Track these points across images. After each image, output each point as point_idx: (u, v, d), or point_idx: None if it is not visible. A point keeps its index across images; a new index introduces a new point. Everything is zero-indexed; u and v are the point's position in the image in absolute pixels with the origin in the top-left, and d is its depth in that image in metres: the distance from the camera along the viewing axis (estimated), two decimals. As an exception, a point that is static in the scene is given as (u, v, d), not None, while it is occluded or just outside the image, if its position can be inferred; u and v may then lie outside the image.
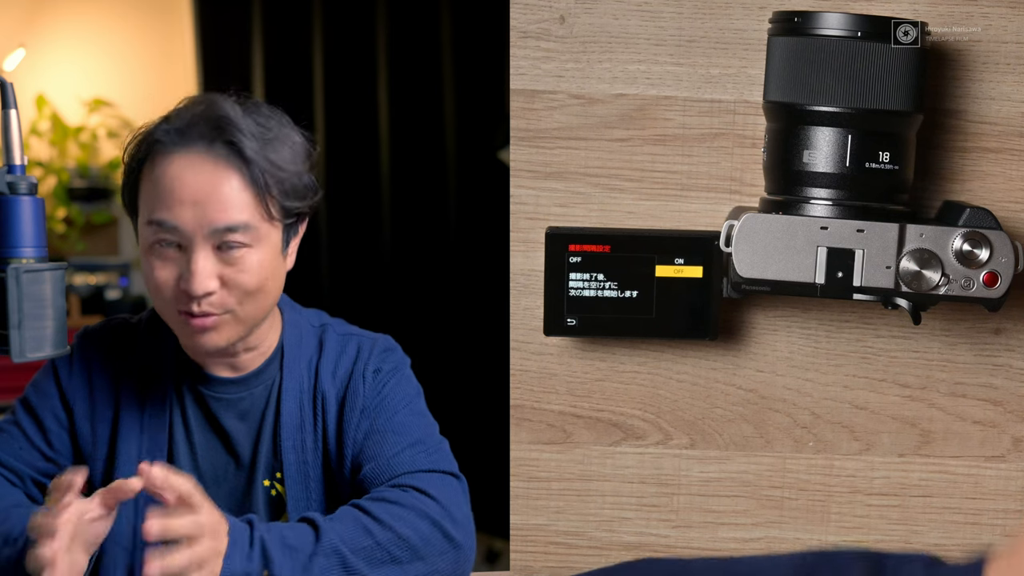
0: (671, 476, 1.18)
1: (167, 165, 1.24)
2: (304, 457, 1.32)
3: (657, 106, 1.14)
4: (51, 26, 4.03)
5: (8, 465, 1.30)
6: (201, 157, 1.23)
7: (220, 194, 1.22)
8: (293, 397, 1.33)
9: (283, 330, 1.36)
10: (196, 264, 1.21)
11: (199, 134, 1.23)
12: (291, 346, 1.35)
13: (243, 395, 1.33)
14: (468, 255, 3.62)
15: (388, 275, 3.69)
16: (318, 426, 1.33)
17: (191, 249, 1.22)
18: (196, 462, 1.31)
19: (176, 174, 1.23)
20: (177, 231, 1.22)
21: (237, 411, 1.32)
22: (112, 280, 3.98)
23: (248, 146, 1.22)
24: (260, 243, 1.24)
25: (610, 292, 1.11)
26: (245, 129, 1.23)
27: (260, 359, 1.34)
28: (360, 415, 1.32)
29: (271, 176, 1.24)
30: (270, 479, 1.32)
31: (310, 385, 1.35)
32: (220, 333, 1.25)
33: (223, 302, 1.23)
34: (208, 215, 1.22)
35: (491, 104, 3.53)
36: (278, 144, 1.25)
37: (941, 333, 1.17)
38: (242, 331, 1.27)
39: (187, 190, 1.22)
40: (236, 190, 1.23)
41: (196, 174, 1.23)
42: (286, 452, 1.31)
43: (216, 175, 1.23)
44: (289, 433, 1.32)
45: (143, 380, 1.32)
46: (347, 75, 3.67)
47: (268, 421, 1.33)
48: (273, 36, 3.68)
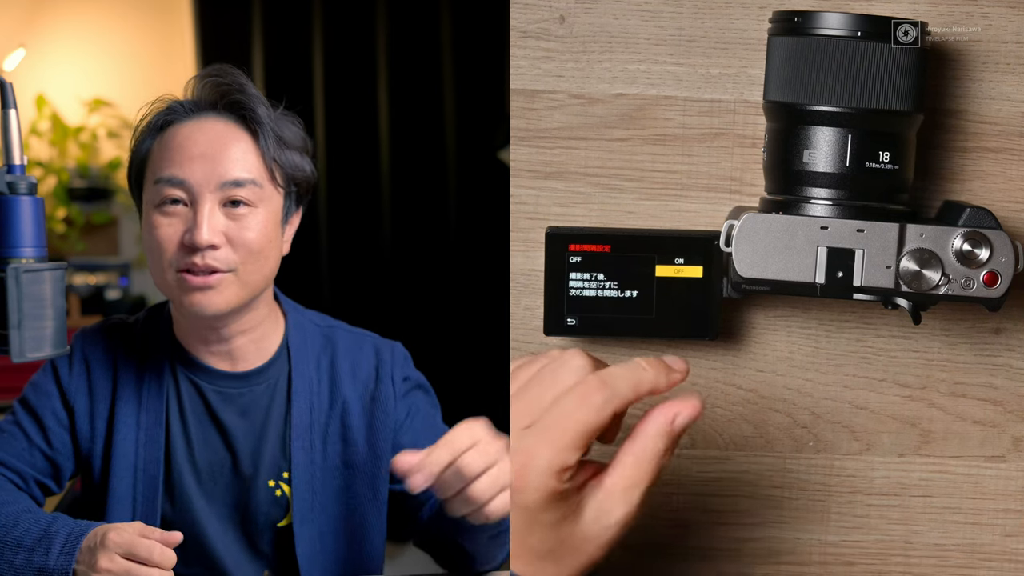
0: (671, 476, 1.18)
1: (177, 130, 1.29)
2: (312, 458, 1.32)
3: (657, 106, 1.14)
4: (51, 26, 4.03)
5: (11, 467, 1.30)
6: (212, 120, 1.29)
7: (229, 151, 1.26)
8: (304, 398, 1.33)
9: (288, 331, 1.36)
10: (202, 216, 1.23)
11: (210, 102, 1.29)
12: (298, 347, 1.35)
13: (243, 391, 1.33)
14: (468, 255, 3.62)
15: (388, 275, 3.69)
16: (332, 428, 1.34)
17: (198, 203, 1.24)
18: (192, 456, 1.31)
19: (187, 134, 1.28)
20: (185, 185, 1.24)
21: (238, 407, 1.32)
22: (112, 280, 3.98)
23: (259, 112, 1.28)
24: (264, 204, 1.27)
25: (610, 292, 1.11)
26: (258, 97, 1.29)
27: (260, 356, 1.34)
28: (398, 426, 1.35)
29: (277, 145, 1.29)
30: (275, 480, 1.32)
31: (321, 387, 1.35)
32: (220, 293, 1.25)
33: (227, 258, 1.24)
34: (217, 169, 1.25)
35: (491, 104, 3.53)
36: (284, 121, 1.31)
37: (941, 333, 1.17)
38: (242, 296, 1.27)
39: (197, 147, 1.26)
40: (244, 151, 1.28)
41: (206, 133, 1.27)
42: (296, 453, 1.31)
43: (226, 134, 1.28)
44: (299, 434, 1.32)
45: (139, 372, 1.32)
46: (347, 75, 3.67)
47: (274, 421, 1.33)
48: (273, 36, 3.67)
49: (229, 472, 1.32)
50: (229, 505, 1.31)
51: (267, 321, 1.34)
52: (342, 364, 1.36)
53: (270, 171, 1.27)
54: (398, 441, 1.33)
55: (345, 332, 1.40)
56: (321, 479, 1.32)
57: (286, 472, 1.32)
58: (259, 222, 1.26)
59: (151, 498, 1.28)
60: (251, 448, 1.32)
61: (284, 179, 1.29)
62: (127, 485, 1.28)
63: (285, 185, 1.29)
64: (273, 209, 1.28)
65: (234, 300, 1.26)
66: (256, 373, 1.33)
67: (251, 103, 1.28)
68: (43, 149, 4.01)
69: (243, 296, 1.27)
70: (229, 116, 1.28)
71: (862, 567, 1.20)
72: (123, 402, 1.30)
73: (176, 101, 1.31)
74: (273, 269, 1.31)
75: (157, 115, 1.30)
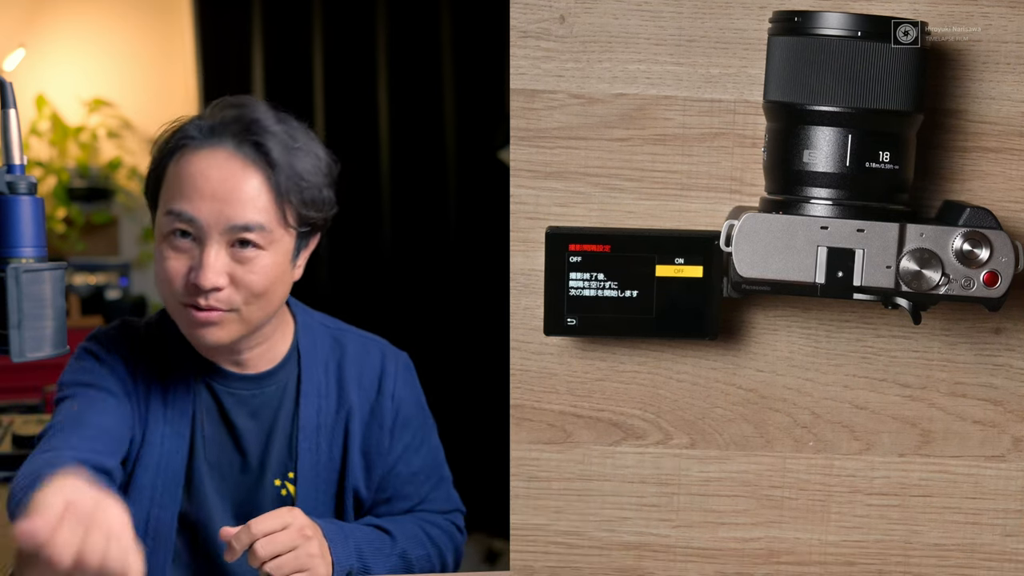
0: (671, 476, 1.18)
1: (193, 158, 1.25)
2: (318, 458, 1.33)
3: (657, 106, 1.14)
4: (51, 26, 4.03)
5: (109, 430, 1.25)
6: (228, 154, 1.25)
7: (241, 192, 1.24)
8: (312, 400, 1.34)
9: (297, 333, 1.36)
10: (208, 258, 1.22)
11: (230, 132, 1.25)
12: (307, 349, 1.35)
13: (255, 392, 1.33)
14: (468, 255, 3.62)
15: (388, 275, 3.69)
16: (337, 431, 1.34)
17: (205, 243, 1.23)
18: (207, 454, 1.32)
19: (201, 168, 1.25)
20: (194, 223, 1.23)
21: (249, 409, 1.33)
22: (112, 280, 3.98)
23: (275, 150, 1.24)
24: (273, 247, 1.25)
25: (610, 292, 1.11)
26: (275, 133, 1.25)
27: (271, 360, 1.34)
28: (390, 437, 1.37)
29: (292, 183, 1.25)
30: (281, 479, 1.33)
31: (329, 389, 1.35)
32: (223, 329, 1.25)
33: (230, 300, 1.24)
34: (226, 212, 1.23)
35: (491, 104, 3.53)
36: (303, 154, 1.27)
37: (941, 333, 1.17)
38: (244, 331, 1.27)
39: (209, 185, 1.24)
40: (257, 191, 1.24)
41: (220, 170, 1.24)
42: (303, 454, 1.32)
43: (239, 173, 1.24)
44: (307, 435, 1.32)
45: (163, 370, 1.32)
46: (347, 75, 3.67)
47: (282, 421, 1.33)
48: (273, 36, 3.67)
49: (238, 472, 1.32)
50: (238, 503, 1.32)
51: (277, 332, 1.34)
52: (350, 369, 1.36)
53: (282, 213, 1.24)
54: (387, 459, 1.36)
55: (355, 336, 1.40)
56: (326, 480, 1.33)
57: (291, 472, 1.32)
58: (265, 265, 1.24)
59: (172, 492, 1.28)
60: (259, 449, 1.32)
61: (296, 220, 1.26)
62: (150, 476, 1.28)
63: (297, 225, 1.27)
64: (283, 250, 1.26)
65: (235, 335, 1.26)
66: (267, 375, 1.34)
67: (267, 142, 1.24)
68: (43, 149, 4.01)
69: (245, 331, 1.27)
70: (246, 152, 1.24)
71: (862, 567, 1.20)
72: (153, 398, 1.30)
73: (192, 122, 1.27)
74: (279, 305, 1.30)
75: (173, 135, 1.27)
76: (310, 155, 1.27)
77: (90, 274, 3.96)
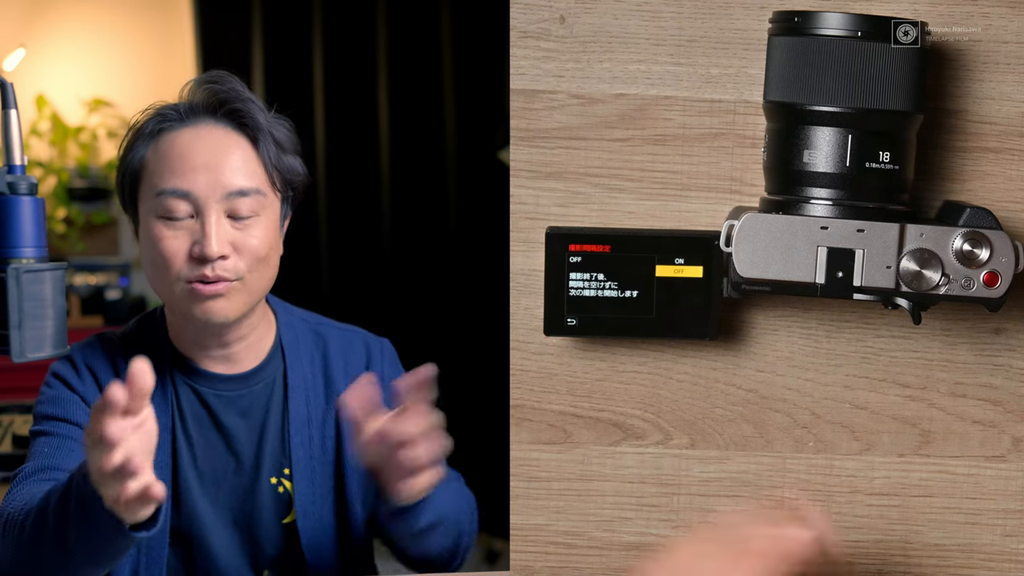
0: (671, 476, 1.18)
1: (176, 138, 1.28)
2: (311, 452, 1.33)
3: (657, 106, 1.14)
4: (51, 26, 4.03)
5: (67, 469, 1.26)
6: (210, 127, 1.28)
7: (231, 160, 1.26)
8: (300, 394, 1.34)
9: (279, 330, 1.37)
10: (209, 227, 1.24)
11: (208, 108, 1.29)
12: (291, 344, 1.36)
13: (243, 392, 1.33)
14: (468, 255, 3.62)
15: (388, 275, 3.69)
16: (328, 423, 1.34)
17: (204, 214, 1.24)
18: (195, 462, 1.31)
19: (187, 143, 1.27)
20: (190, 197, 1.24)
21: (238, 409, 1.33)
22: (112, 280, 3.98)
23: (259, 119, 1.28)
24: (265, 212, 1.28)
25: (610, 292, 1.11)
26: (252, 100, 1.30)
27: (256, 356, 1.34)
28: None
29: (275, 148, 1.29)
30: (277, 476, 1.33)
31: (316, 381, 1.36)
32: (230, 301, 1.26)
33: (236, 268, 1.25)
34: (222, 179, 1.25)
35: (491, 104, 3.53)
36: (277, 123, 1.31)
37: (941, 333, 1.17)
38: (249, 302, 1.28)
39: (199, 157, 1.26)
40: (245, 157, 1.28)
41: (206, 142, 1.27)
42: (295, 448, 1.32)
43: (226, 142, 1.27)
44: (298, 429, 1.33)
45: None
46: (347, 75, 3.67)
47: (273, 419, 1.33)
48: (273, 36, 3.68)
49: (232, 475, 1.32)
50: (233, 508, 1.32)
51: (262, 323, 1.34)
52: (336, 361, 1.37)
53: (271, 178, 1.28)
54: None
55: (334, 329, 1.41)
56: (320, 472, 1.33)
57: (287, 468, 1.32)
58: (263, 229, 1.27)
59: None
60: (253, 448, 1.32)
61: (283, 184, 1.30)
62: None
63: (283, 190, 1.30)
64: (274, 215, 1.30)
65: (242, 307, 1.27)
66: (253, 373, 1.34)
67: (250, 111, 1.28)
68: (43, 149, 4.01)
69: (249, 302, 1.28)
70: (227, 123, 1.28)
71: (862, 567, 1.20)
72: None
73: (168, 106, 1.30)
74: (274, 274, 1.32)
75: (148, 122, 1.29)
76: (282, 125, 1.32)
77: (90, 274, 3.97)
